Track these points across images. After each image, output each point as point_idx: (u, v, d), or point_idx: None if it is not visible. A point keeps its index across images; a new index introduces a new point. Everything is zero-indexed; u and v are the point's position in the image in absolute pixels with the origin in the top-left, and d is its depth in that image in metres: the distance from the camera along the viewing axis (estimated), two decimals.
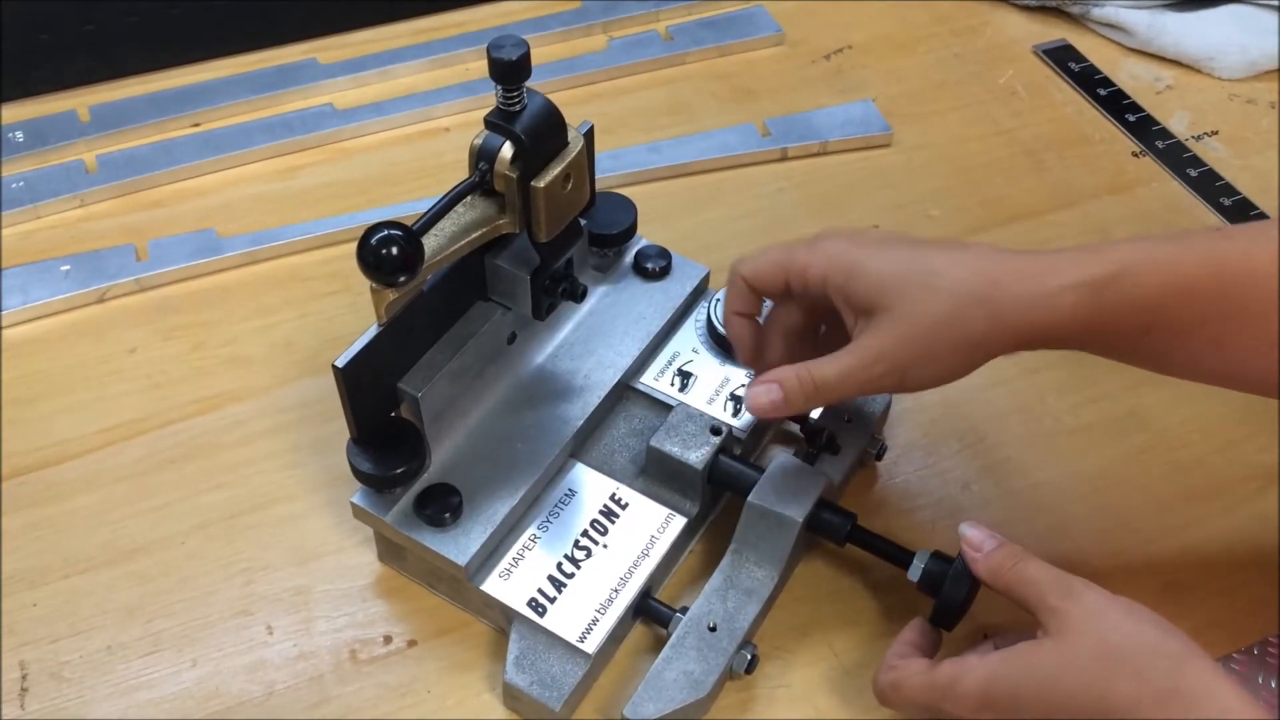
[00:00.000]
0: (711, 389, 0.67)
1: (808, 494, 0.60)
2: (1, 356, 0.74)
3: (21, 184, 0.83)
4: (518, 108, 0.55)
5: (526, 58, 0.54)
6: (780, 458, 0.62)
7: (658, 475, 0.64)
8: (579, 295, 0.63)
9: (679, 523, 0.63)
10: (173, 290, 0.78)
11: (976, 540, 0.56)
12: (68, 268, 0.78)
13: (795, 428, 0.69)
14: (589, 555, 0.61)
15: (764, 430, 0.69)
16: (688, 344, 0.69)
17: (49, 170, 0.84)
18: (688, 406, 0.64)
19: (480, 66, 0.93)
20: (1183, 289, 0.53)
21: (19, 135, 0.85)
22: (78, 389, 0.72)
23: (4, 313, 0.75)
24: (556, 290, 0.62)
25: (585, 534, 0.62)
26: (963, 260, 0.54)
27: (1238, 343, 0.54)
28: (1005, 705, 0.52)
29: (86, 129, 0.86)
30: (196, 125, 0.88)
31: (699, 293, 0.71)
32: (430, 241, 0.55)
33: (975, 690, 0.52)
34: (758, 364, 0.61)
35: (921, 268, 0.54)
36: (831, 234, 0.58)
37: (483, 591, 0.60)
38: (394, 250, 0.52)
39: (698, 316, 0.71)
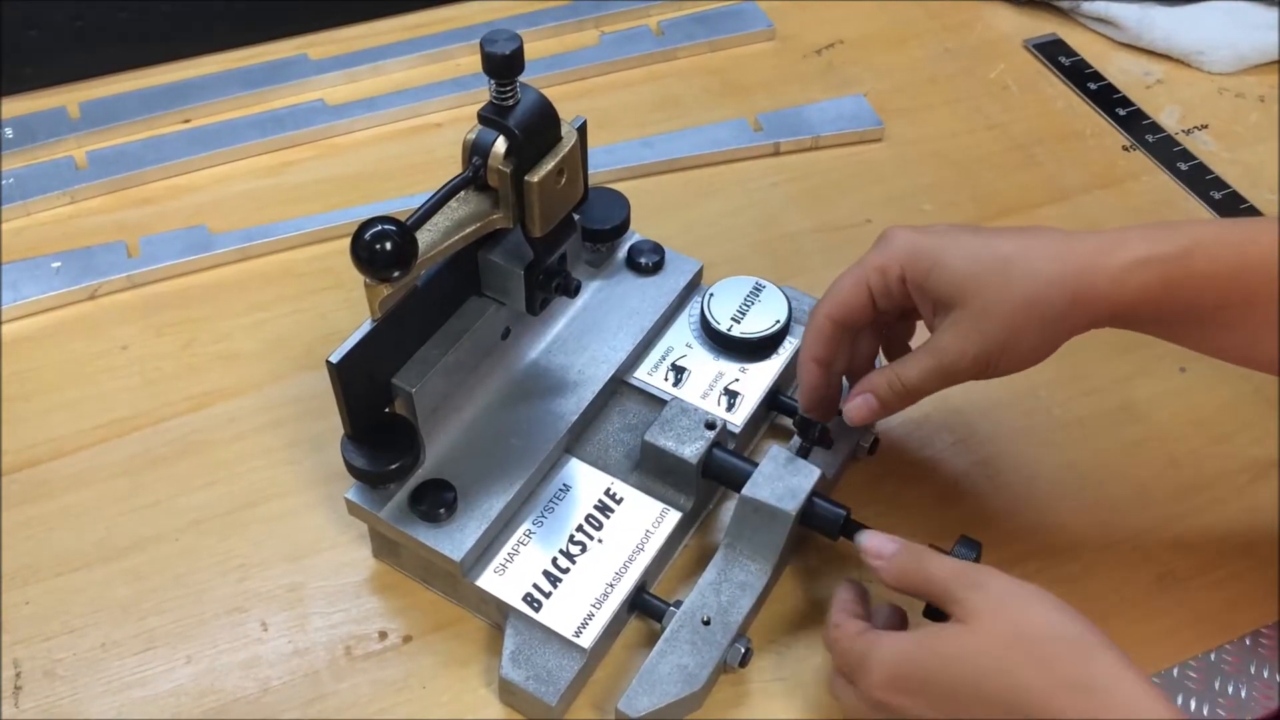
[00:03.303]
0: (705, 383, 0.67)
1: (801, 488, 0.61)
2: None
3: (12, 181, 0.82)
4: (511, 102, 0.55)
5: (520, 52, 0.54)
6: (773, 452, 0.62)
7: (652, 470, 0.64)
8: (573, 290, 0.63)
9: (673, 517, 0.63)
10: (164, 287, 0.78)
11: (876, 548, 0.56)
12: (59, 265, 0.77)
13: (789, 422, 0.69)
14: (584, 550, 0.61)
15: (757, 425, 0.69)
16: (681, 339, 0.69)
17: (39, 167, 0.84)
18: (682, 401, 0.65)
19: (471, 62, 0.93)
20: (1253, 268, 0.54)
21: (9, 132, 0.85)
22: (69, 386, 0.72)
23: None
24: (550, 285, 0.62)
25: (580, 529, 0.62)
26: (1033, 245, 0.55)
27: (1262, 325, 0.54)
28: (911, 687, 0.52)
29: (77, 125, 0.86)
30: (187, 121, 0.88)
31: (692, 287, 0.71)
32: (424, 237, 0.55)
33: (883, 669, 0.52)
34: (821, 413, 0.62)
35: (994, 257, 0.55)
36: (898, 229, 0.58)
37: (478, 587, 0.60)
38: (388, 245, 0.52)
39: (691, 311, 0.71)
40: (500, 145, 0.56)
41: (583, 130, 0.60)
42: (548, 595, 0.60)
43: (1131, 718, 0.47)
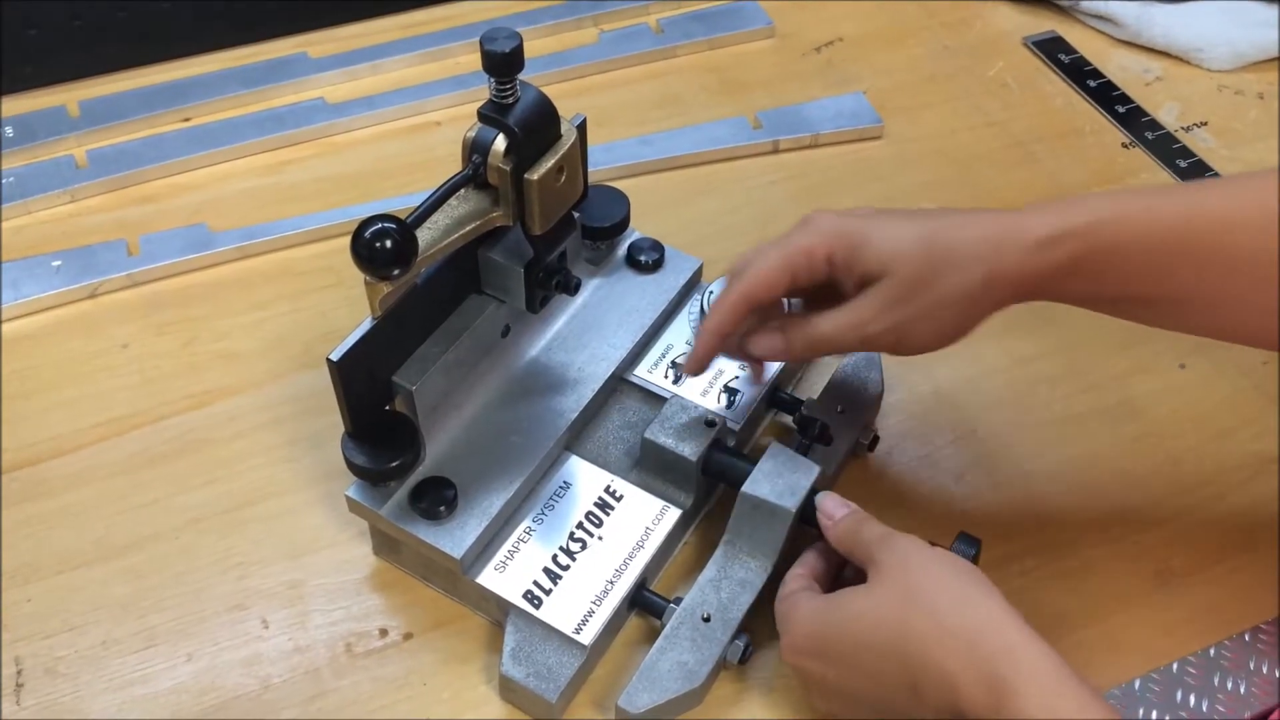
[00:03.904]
0: (705, 381, 0.67)
1: (801, 485, 0.61)
2: None
3: (12, 179, 0.83)
4: (511, 100, 0.55)
5: (519, 50, 0.54)
6: (773, 449, 0.62)
7: (652, 467, 0.64)
8: (573, 288, 0.63)
9: (673, 514, 0.63)
10: (164, 285, 0.78)
11: (829, 509, 0.59)
12: (59, 263, 0.78)
13: (788, 419, 0.69)
14: (584, 547, 0.61)
15: (757, 422, 0.69)
16: (681, 336, 0.69)
17: (39, 165, 0.84)
18: (682, 399, 0.65)
19: (470, 60, 0.93)
20: (1163, 234, 0.54)
21: (9, 130, 0.85)
22: (70, 385, 0.72)
23: None
24: (550, 283, 0.62)
25: (580, 526, 0.62)
26: (955, 224, 0.56)
27: (1222, 290, 0.55)
28: (816, 648, 0.54)
29: (76, 124, 0.86)
30: (187, 120, 0.88)
31: (692, 285, 0.71)
32: (424, 235, 0.55)
33: (796, 630, 0.55)
34: (696, 372, 0.62)
35: (918, 235, 0.56)
36: (821, 213, 0.59)
37: (478, 584, 0.60)
38: (388, 243, 0.52)
39: (691, 309, 0.71)
40: (500, 143, 0.56)
41: (582, 128, 0.60)
42: (548, 592, 0.60)
43: (1012, 660, 0.48)
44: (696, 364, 0.62)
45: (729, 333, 0.60)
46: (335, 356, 0.55)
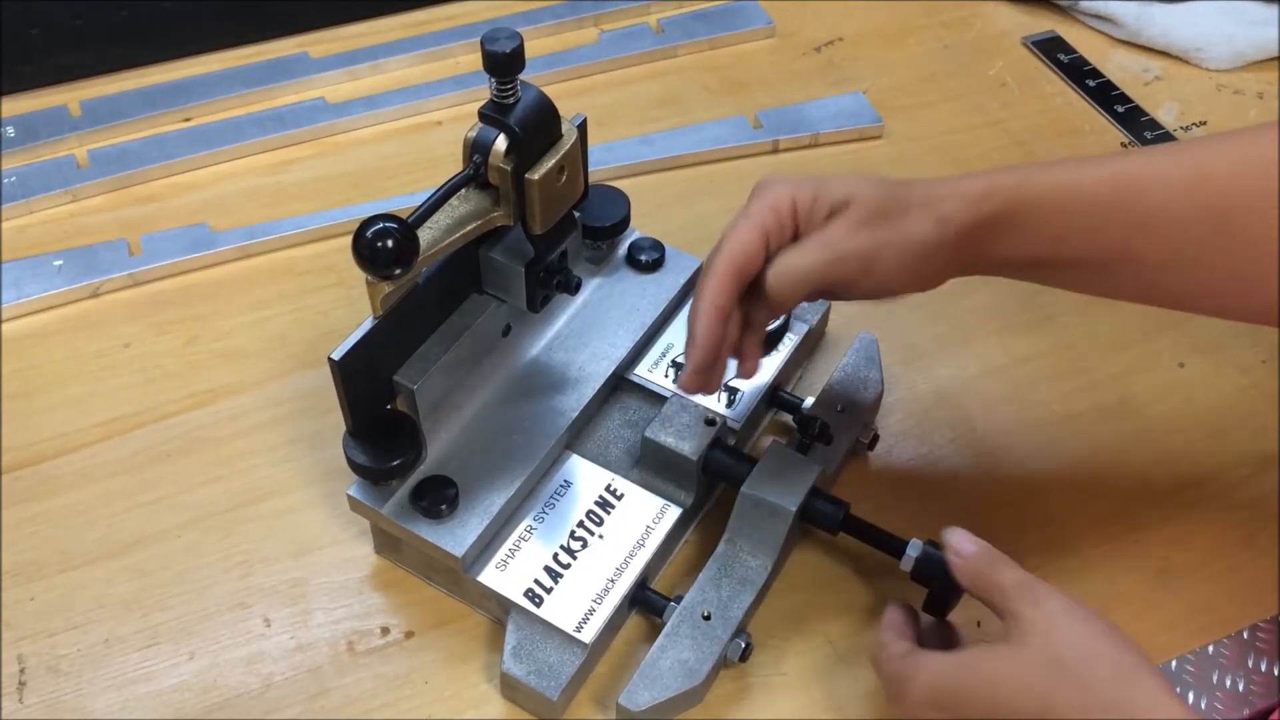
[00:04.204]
0: None
1: (801, 483, 0.61)
2: None
3: (14, 179, 0.83)
4: (512, 100, 0.56)
5: (520, 50, 0.54)
6: (773, 448, 0.63)
7: (653, 466, 0.64)
8: (573, 287, 0.64)
9: (674, 513, 0.63)
10: (166, 285, 0.78)
11: (957, 545, 0.57)
12: (61, 263, 0.78)
13: (789, 418, 0.69)
14: (585, 546, 0.62)
15: (757, 421, 0.70)
16: (682, 336, 0.70)
17: (41, 165, 0.84)
18: (682, 398, 0.65)
19: (471, 60, 0.93)
20: (1089, 194, 0.55)
21: (10, 131, 0.85)
22: (72, 384, 0.72)
23: None
24: (551, 282, 0.63)
25: (581, 525, 0.62)
26: (908, 181, 0.58)
27: (1148, 251, 0.55)
28: (950, 706, 0.52)
29: (78, 124, 0.86)
30: (188, 120, 0.88)
31: (692, 284, 0.72)
32: (425, 234, 0.56)
33: (924, 690, 0.53)
34: (705, 381, 0.58)
35: (875, 180, 0.57)
36: (773, 176, 0.59)
37: (479, 582, 0.60)
38: (389, 243, 0.52)
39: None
40: (501, 143, 0.56)
41: (583, 128, 0.60)
42: (549, 591, 0.60)
43: None
44: (699, 356, 0.57)
45: (725, 305, 0.57)
46: (337, 356, 0.55)
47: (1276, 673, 0.61)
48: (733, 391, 0.67)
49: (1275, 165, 0.53)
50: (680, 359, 0.68)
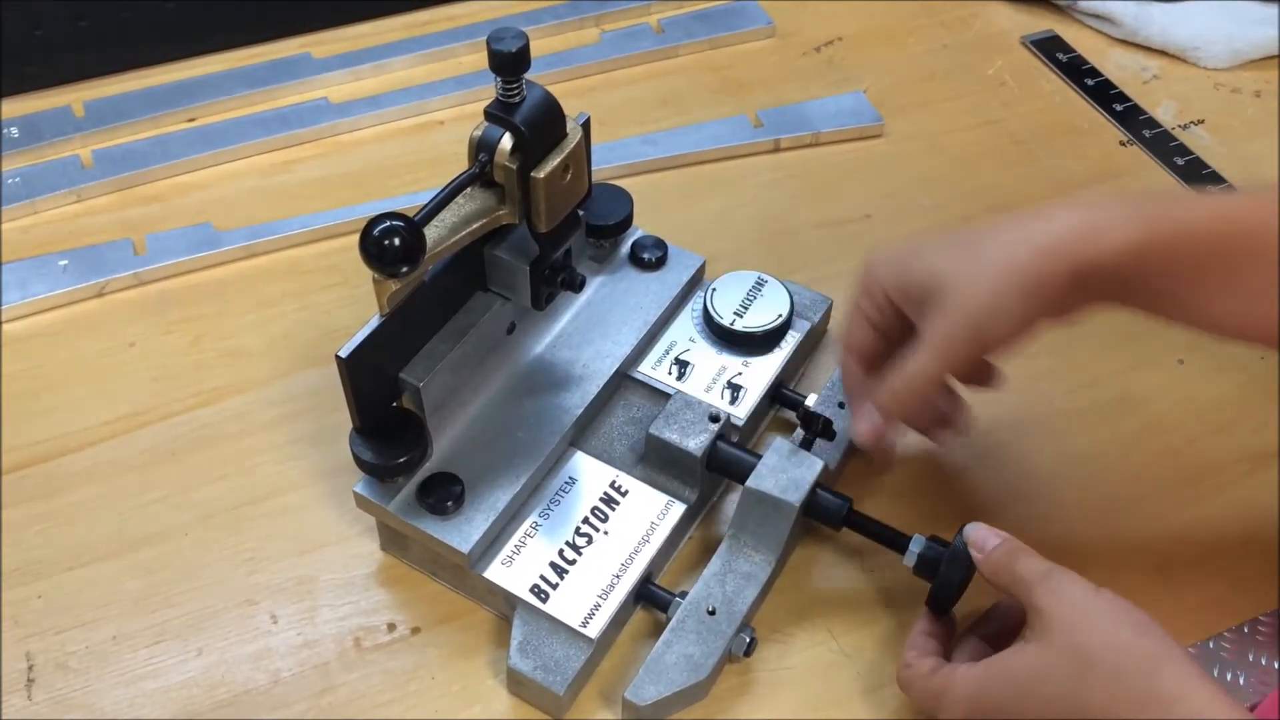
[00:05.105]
0: (709, 377, 0.68)
1: (804, 479, 0.61)
2: (1, 351, 0.74)
3: (18, 180, 0.83)
4: (517, 99, 0.56)
5: (526, 49, 0.54)
6: (777, 443, 0.63)
7: (657, 462, 0.65)
8: (577, 285, 0.64)
9: (678, 509, 0.64)
10: (171, 284, 0.78)
11: (979, 539, 0.57)
12: (65, 263, 0.78)
13: (792, 415, 0.70)
14: (590, 542, 0.62)
15: (761, 417, 0.70)
16: (685, 333, 0.70)
17: (45, 166, 0.84)
18: (686, 395, 0.65)
19: (474, 60, 0.93)
20: (1234, 229, 0.54)
21: (14, 131, 0.86)
22: (78, 383, 0.73)
23: (3, 308, 0.75)
24: (555, 280, 0.63)
25: (586, 521, 0.63)
26: (1000, 221, 0.57)
27: (1251, 290, 0.54)
28: (990, 712, 0.53)
29: (82, 124, 0.87)
30: (191, 120, 0.88)
31: (695, 282, 0.72)
32: (431, 233, 0.56)
33: (962, 701, 0.54)
34: (863, 384, 0.62)
35: (963, 239, 0.57)
36: (873, 255, 0.60)
37: (485, 579, 0.61)
38: (396, 241, 0.52)
39: (694, 306, 0.71)
40: (506, 142, 0.57)
41: (587, 126, 0.61)
42: (555, 586, 0.60)
43: None
44: (866, 422, 0.60)
45: (856, 391, 0.62)
46: (344, 353, 0.56)
47: (1276, 667, 0.61)
48: (736, 388, 0.68)
49: None
50: (683, 356, 0.69)
